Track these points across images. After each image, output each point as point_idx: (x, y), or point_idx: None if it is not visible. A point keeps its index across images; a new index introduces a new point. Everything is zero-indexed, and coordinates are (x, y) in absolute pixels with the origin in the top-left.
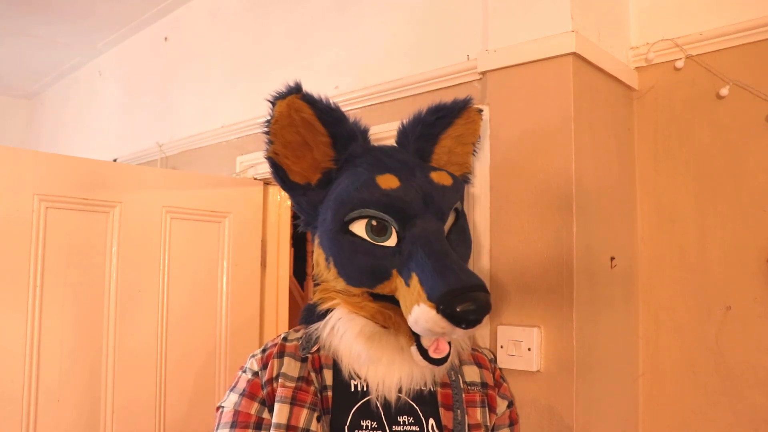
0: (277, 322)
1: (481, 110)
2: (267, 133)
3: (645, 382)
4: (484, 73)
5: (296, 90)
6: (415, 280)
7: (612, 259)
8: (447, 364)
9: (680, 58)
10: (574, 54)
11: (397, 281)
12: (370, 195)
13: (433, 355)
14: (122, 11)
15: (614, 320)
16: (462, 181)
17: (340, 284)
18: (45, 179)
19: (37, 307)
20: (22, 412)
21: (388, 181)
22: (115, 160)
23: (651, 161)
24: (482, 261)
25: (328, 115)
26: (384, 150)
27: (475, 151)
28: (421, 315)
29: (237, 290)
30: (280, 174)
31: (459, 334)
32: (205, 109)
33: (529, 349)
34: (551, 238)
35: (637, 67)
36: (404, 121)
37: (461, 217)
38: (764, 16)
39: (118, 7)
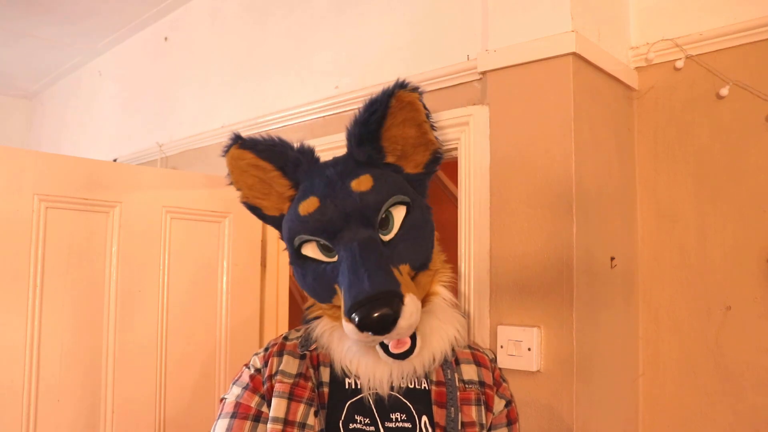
0: (277, 322)
1: (416, 88)
2: (231, 184)
3: (645, 382)
4: (484, 73)
5: (235, 141)
6: (342, 294)
7: (612, 259)
8: (432, 359)
9: (680, 58)
10: (574, 54)
11: (341, 296)
12: (294, 223)
13: (393, 350)
14: (122, 11)
15: (614, 320)
16: (391, 177)
17: None
18: (45, 179)
19: (37, 307)
20: (22, 411)
21: (307, 206)
22: (115, 160)
23: (651, 161)
24: (482, 261)
25: (267, 153)
26: (322, 167)
27: (432, 126)
28: (346, 329)
29: (237, 290)
30: (257, 213)
31: (386, 338)
32: (205, 109)
33: (529, 349)
34: (551, 238)
35: (637, 67)
36: (347, 125)
37: (413, 210)
38: (764, 16)
39: (118, 7)
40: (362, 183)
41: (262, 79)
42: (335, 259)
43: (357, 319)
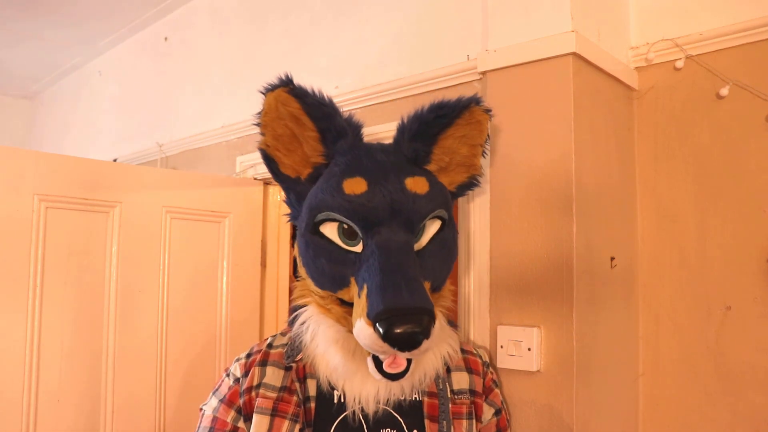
0: (277, 322)
1: (488, 110)
2: (258, 124)
3: (645, 382)
4: (484, 73)
5: (285, 83)
6: (364, 291)
7: (612, 259)
8: (424, 376)
9: (680, 58)
10: (574, 54)
11: (354, 290)
12: (334, 199)
13: (387, 369)
14: (122, 11)
15: (614, 320)
16: (443, 189)
17: (311, 284)
18: (45, 179)
19: (37, 307)
20: (22, 412)
21: (353, 186)
22: (115, 160)
23: (651, 161)
24: (482, 261)
25: (316, 109)
26: (368, 149)
27: (484, 152)
28: (360, 330)
29: (237, 290)
30: (272, 166)
31: (401, 355)
32: (205, 109)
33: (529, 349)
34: (551, 238)
35: (637, 67)
36: (404, 117)
37: (447, 227)
38: (764, 16)
39: (118, 7)
40: (418, 184)
41: (262, 78)
42: (358, 249)
43: (383, 328)
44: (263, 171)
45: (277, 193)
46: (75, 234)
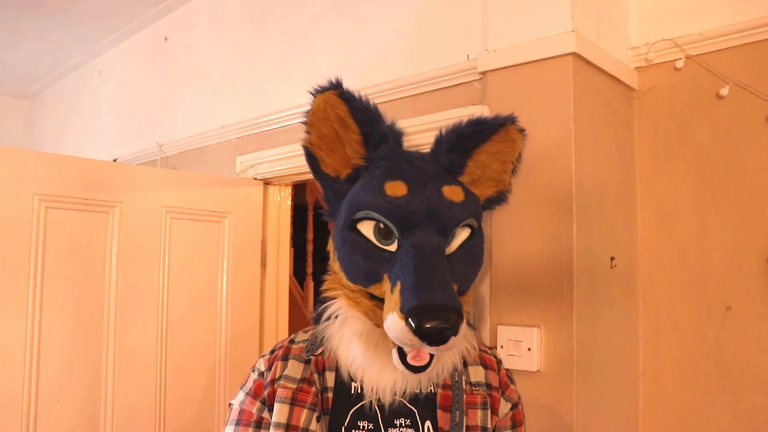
0: (277, 322)
1: (522, 130)
2: (305, 123)
3: (645, 382)
4: (484, 73)
5: (335, 86)
6: (397, 288)
7: (612, 259)
8: (441, 370)
9: (680, 58)
10: (574, 54)
11: (386, 286)
12: (375, 199)
13: (411, 361)
14: (122, 11)
15: (614, 320)
16: (477, 199)
17: (343, 278)
18: (45, 179)
19: (37, 307)
20: (22, 412)
21: (395, 188)
22: (115, 160)
23: (651, 161)
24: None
25: (362, 114)
26: (408, 155)
27: (514, 170)
28: (392, 324)
29: (237, 290)
30: (313, 163)
31: (428, 349)
32: (205, 109)
33: (529, 349)
34: (551, 238)
35: (637, 67)
36: (443, 129)
37: (476, 236)
38: (764, 16)
39: (118, 7)
40: (454, 193)
41: (262, 79)
42: (392, 248)
43: (415, 323)
44: (263, 171)
45: (277, 193)
46: (75, 234)
